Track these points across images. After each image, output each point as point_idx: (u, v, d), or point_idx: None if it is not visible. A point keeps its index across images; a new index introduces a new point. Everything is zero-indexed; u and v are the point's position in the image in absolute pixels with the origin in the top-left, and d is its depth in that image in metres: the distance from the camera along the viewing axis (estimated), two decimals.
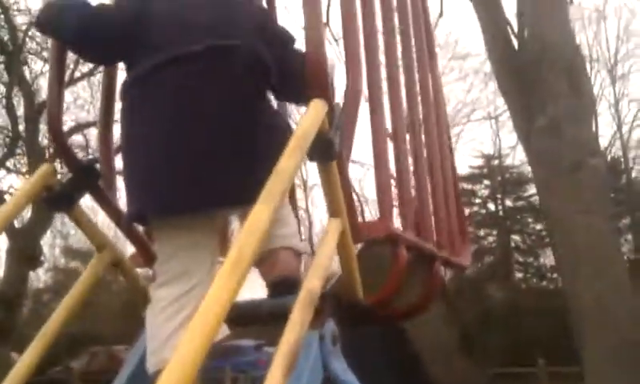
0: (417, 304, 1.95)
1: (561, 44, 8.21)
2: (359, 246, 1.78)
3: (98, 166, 1.78)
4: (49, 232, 17.56)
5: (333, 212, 1.49)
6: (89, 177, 1.70)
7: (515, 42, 8.89)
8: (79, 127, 14.25)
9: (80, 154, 14.88)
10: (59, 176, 1.74)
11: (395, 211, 1.81)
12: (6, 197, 14.41)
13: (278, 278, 1.70)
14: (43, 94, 13.27)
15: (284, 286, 1.63)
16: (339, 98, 1.57)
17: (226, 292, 0.95)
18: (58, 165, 1.85)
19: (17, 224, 14.44)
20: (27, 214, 14.48)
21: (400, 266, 1.68)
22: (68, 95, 16.33)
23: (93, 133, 14.37)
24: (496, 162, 23.47)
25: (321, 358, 1.42)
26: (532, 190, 22.44)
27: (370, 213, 17.05)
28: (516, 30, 9.00)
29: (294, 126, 1.42)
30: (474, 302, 16.96)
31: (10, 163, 14.58)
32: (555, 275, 22.03)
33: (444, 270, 2.20)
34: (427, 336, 2.38)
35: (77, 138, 14.64)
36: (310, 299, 1.29)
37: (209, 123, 1.56)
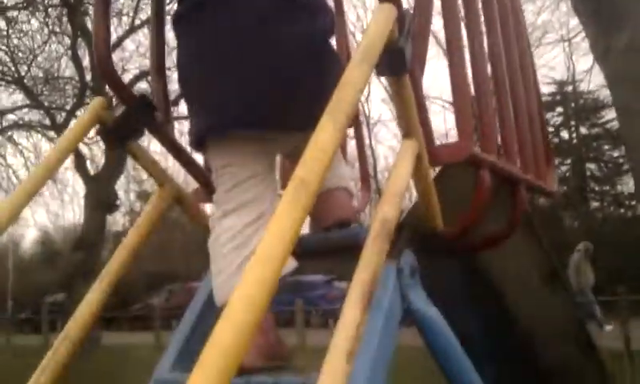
0: (499, 232, 1.79)
1: None
2: (436, 170, 1.62)
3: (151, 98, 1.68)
4: (123, 177, 18.22)
5: (407, 132, 1.33)
6: (143, 110, 1.60)
7: None
8: (143, 74, 14.41)
9: None
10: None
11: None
12: (81, 145, 14.99)
13: (337, 223, 1.60)
14: None
15: None
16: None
17: (291, 219, 0.83)
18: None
19: (91, 170, 15.04)
20: (101, 160, 15.04)
21: (484, 191, 1.51)
22: (130, 43, 16.51)
23: None
24: (569, 87, 22.24)
25: (399, 291, 1.30)
26: (608, 115, 21.31)
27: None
28: None
29: None
30: (549, 232, 16.47)
31: (79, 112, 15.02)
32: (634, 203, 21.14)
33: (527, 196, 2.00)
34: (509, 266, 2.21)
35: (142, 86, 14.88)
36: (385, 230, 1.16)
37: (283, 45, 1.48)
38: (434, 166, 1.50)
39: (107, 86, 1.60)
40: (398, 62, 1.20)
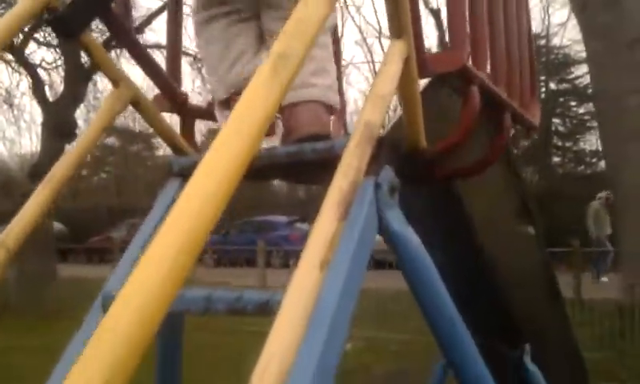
0: (482, 158, 1.68)
1: None
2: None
3: None
4: (83, 106, 17.54)
5: (396, 31, 1.18)
6: None
7: None
8: None
9: None
10: None
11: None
12: (39, 71, 14.35)
13: (307, 136, 1.49)
14: None
15: None
16: None
17: (267, 98, 0.69)
18: None
19: (50, 97, 14.41)
20: (60, 87, 14.40)
21: (473, 108, 1.39)
22: None
23: None
24: (543, 41, 22.21)
25: (376, 208, 1.18)
26: (578, 71, 21.44)
27: None
28: None
29: None
30: None
31: (39, 35, 14.29)
32: (594, 160, 21.56)
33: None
34: (483, 201, 2.12)
35: None
36: (368, 135, 1.03)
37: None
38: (424, 76, 1.36)
39: None
40: None
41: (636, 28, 7.59)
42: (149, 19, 13.57)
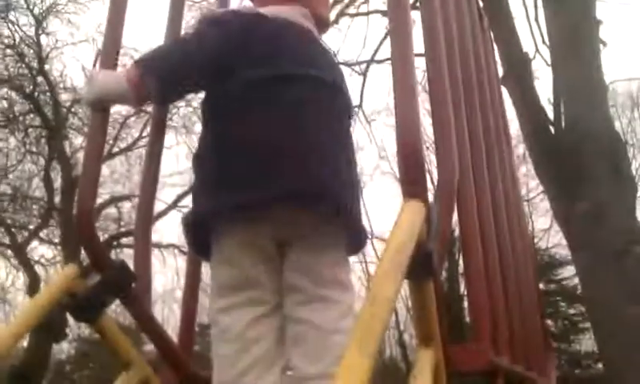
0: None
1: (601, 130, 8.04)
2: None
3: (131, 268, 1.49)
4: None
5: (424, 339, 1.17)
6: (121, 280, 1.41)
7: (552, 127, 8.70)
8: (113, 200, 14.28)
9: (112, 226, 14.97)
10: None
11: None
12: (36, 267, 14.39)
13: None
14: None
15: None
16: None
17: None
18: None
19: None
20: None
21: None
22: (104, 168, 16.64)
23: (126, 206, 14.46)
24: None
25: None
26: (565, 273, 21.73)
27: None
28: (551, 115, 8.82)
29: None
30: None
31: (43, 234, 14.60)
32: (590, 362, 21.01)
33: None
34: None
35: (111, 211, 14.72)
36: None
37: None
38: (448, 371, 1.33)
39: (83, 250, 1.42)
40: (426, 268, 1.07)
41: (621, 241, 7.81)
42: None
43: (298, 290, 1.57)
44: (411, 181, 1.08)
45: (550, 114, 8.64)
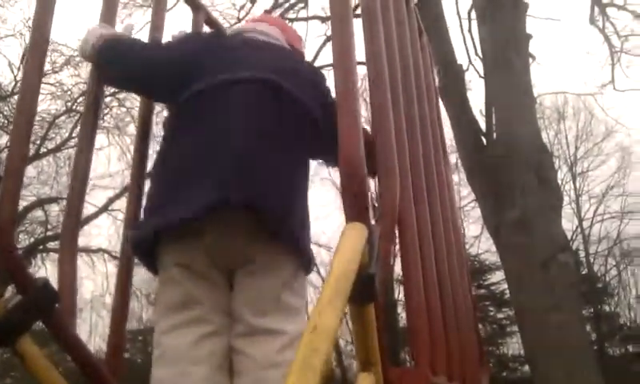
0: None
1: (529, 141, 8.40)
2: None
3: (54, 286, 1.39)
4: None
5: (364, 364, 1.14)
6: (44, 301, 1.31)
7: (484, 138, 9.01)
8: (41, 202, 13.63)
9: (39, 230, 14.25)
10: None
11: None
12: None
13: None
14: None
15: None
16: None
17: None
18: None
19: None
20: None
21: None
22: (31, 169, 15.80)
23: (54, 209, 13.83)
24: None
25: None
26: (493, 278, 22.49)
27: None
28: (483, 126, 9.14)
29: None
30: None
31: None
32: (517, 365, 21.84)
33: None
34: None
35: (37, 214, 14.05)
36: None
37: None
38: None
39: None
40: (368, 291, 1.05)
41: (547, 249, 8.13)
42: None
43: (240, 320, 1.52)
44: (353, 203, 1.06)
45: (483, 125, 8.94)
